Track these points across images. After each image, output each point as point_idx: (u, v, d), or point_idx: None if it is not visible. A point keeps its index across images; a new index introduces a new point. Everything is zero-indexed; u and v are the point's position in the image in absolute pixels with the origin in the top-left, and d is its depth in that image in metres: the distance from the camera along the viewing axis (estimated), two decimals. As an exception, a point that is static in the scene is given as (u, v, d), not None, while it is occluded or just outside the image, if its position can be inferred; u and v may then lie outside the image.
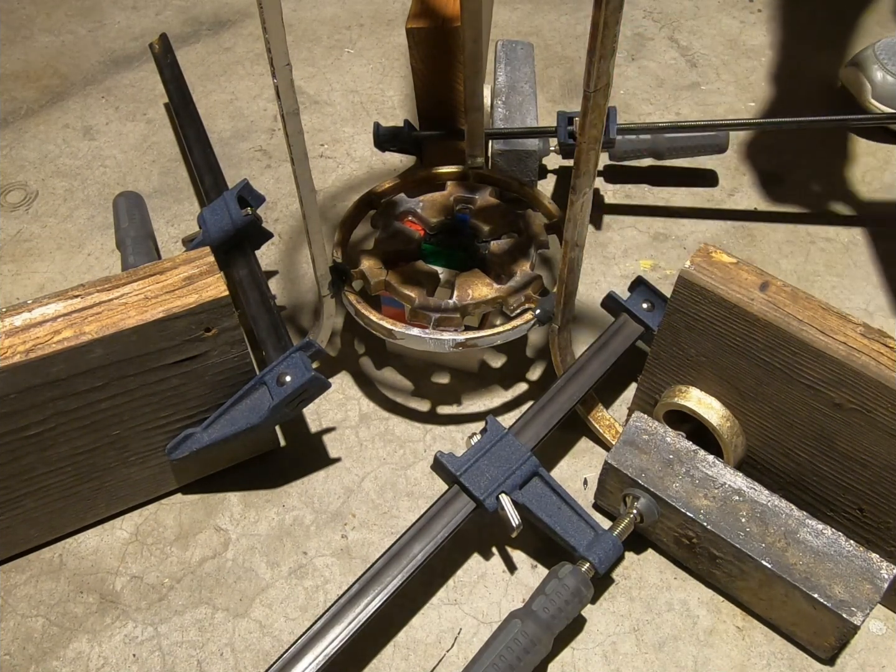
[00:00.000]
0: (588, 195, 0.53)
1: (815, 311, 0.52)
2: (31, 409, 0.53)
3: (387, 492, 0.65)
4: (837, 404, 0.52)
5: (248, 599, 0.59)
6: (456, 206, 0.73)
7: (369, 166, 0.94)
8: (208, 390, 0.60)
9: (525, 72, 0.89)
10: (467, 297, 0.64)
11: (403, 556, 0.54)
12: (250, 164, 0.94)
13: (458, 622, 0.58)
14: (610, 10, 0.42)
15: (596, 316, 0.75)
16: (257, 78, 1.07)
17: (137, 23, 1.17)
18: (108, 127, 1.00)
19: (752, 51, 1.09)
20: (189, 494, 0.65)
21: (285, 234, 0.86)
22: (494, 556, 0.61)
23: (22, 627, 0.58)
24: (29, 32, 1.16)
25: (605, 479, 0.60)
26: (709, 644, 0.56)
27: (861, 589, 0.51)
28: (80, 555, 0.62)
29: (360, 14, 1.18)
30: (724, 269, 0.54)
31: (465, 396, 0.72)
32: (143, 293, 0.55)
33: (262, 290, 0.67)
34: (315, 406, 0.70)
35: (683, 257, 0.82)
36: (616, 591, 0.59)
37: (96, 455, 0.58)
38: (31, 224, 0.88)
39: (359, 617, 0.52)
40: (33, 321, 0.52)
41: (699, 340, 0.57)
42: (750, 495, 0.56)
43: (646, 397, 0.64)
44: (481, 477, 0.56)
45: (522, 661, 0.51)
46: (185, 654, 0.56)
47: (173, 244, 0.85)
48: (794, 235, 0.85)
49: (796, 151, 0.94)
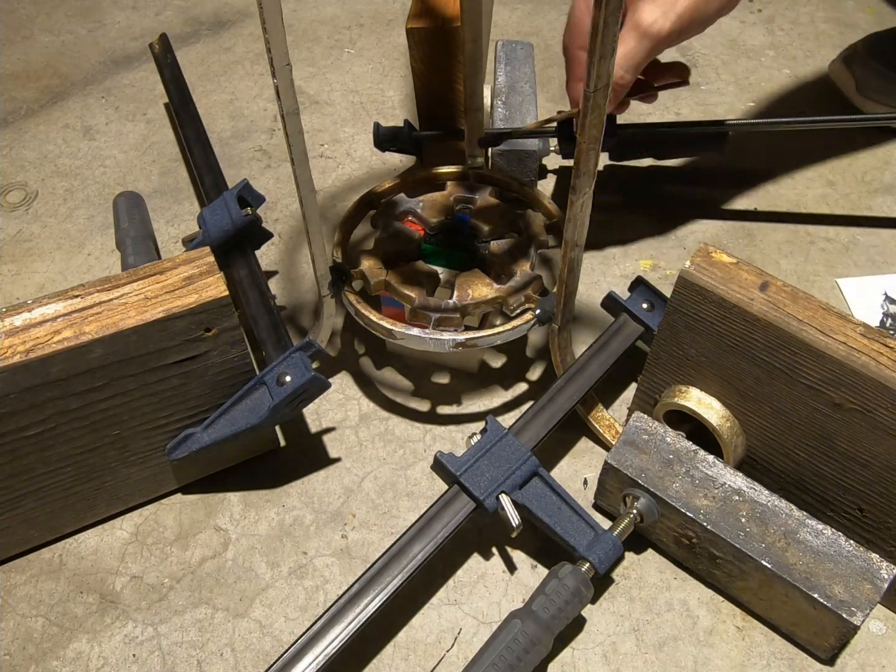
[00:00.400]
0: (588, 195, 0.53)
1: (815, 311, 0.52)
2: (31, 409, 0.53)
3: (387, 492, 0.65)
4: (837, 404, 0.52)
5: (248, 599, 0.59)
6: (456, 206, 0.73)
7: (369, 166, 0.94)
8: (208, 390, 0.60)
9: (525, 72, 0.89)
10: (467, 297, 0.64)
11: (403, 556, 0.54)
12: (250, 164, 0.94)
13: (458, 622, 0.58)
14: (610, 10, 0.42)
15: (596, 316, 0.75)
16: (257, 78, 1.07)
17: (137, 23, 1.17)
18: (108, 127, 1.00)
19: (752, 51, 1.09)
20: (189, 494, 0.65)
21: (285, 234, 0.86)
22: (494, 556, 0.61)
23: (22, 627, 0.58)
24: (29, 32, 1.16)
25: (605, 479, 0.60)
26: (709, 644, 0.57)
27: (861, 589, 0.51)
28: (80, 555, 0.62)
29: (360, 14, 1.18)
30: (724, 269, 0.54)
31: (465, 396, 0.72)
32: (143, 293, 0.55)
33: (262, 290, 0.67)
34: (315, 406, 0.70)
35: (683, 257, 0.82)
36: (616, 591, 0.59)
37: (96, 455, 0.58)
38: (31, 224, 0.88)
39: (359, 617, 0.52)
40: (33, 321, 0.52)
41: (699, 340, 0.57)
42: (750, 495, 0.56)
43: (646, 397, 0.64)
44: (481, 477, 0.56)
45: (522, 661, 0.51)
46: (185, 654, 0.56)
47: (173, 244, 0.85)
48: (794, 235, 0.85)
49: (796, 151, 0.94)
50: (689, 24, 0.65)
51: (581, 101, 0.48)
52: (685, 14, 0.64)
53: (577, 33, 0.67)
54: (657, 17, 0.63)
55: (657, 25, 0.63)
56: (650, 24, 0.63)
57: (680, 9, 0.63)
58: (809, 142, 0.94)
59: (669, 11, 0.63)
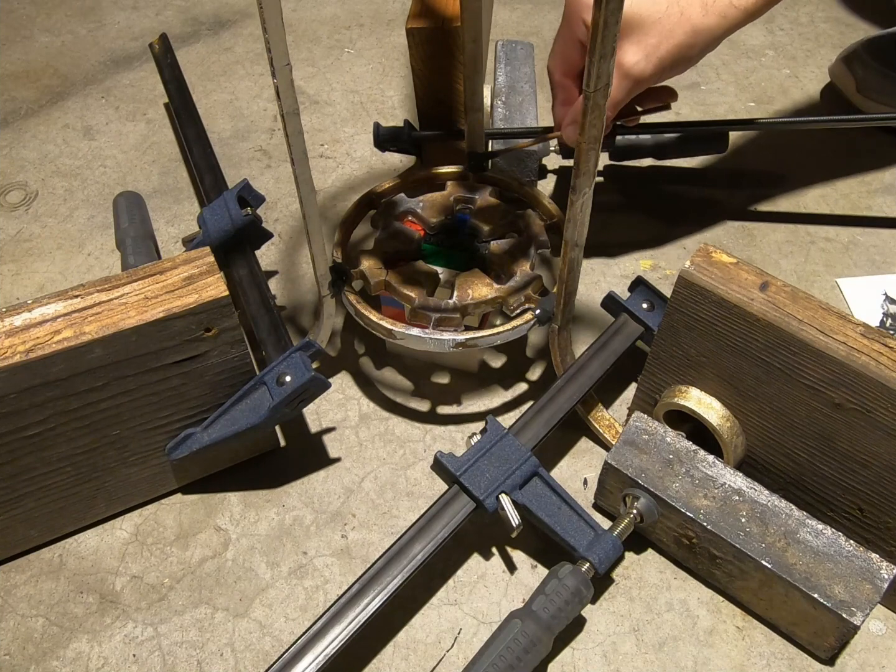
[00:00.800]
0: (588, 195, 0.53)
1: (815, 311, 0.52)
2: (31, 409, 0.53)
3: (387, 492, 0.65)
4: (837, 404, 0.52)
5: (248, 599, 0.59)
6: (456, 206, 0.73)
7: (369, 166, 0.94)
8: (208, 390, 0.60)
9: (525, 72, 0.89)
10: (467, 297, 0.64)
11: (403, 556, 0.54)
12: (250, 164, 0.94)
13: (458, 622, 0.58)
14: (610, 10, 0.42)
15: (596, 316, 0.75)
16: (257, 78, 1.07)
17: (137, 23, 1.17)
18: (108, 127, 1.00)
19: (752, 51, 1.09)
20: (189, 494, 0.65)
21: (285, 234, 0.86)
22: (494, 556, 0.61)
23: (22, 627, 0.58)
24: (29, 32, 1.16)
25: (605, 479, 0.60)
26: (709, 644, 0.57)
27: (861, 589, 0.51)
28: (80, 555, 0.62)
29: (360, 14, 1.18)
30: (724, 269, 0.54)
31: (465, 396, 0.72)
32: (143, 293, 0.55)
33: (262, 290, 0.67)
34: (315, 406, 0.70)
35: (683, 257, 0.82)
36: (616, 591, 0.59)
37: (96, 455, 0.58)
38: (31, 224, 0.88)
39: (359, 617, 0.52)
40: (33, 321, 0.52)
41: (699, 340, 0.57)
42: (750, 495, 0.56)
43: (646, 397, 0.64)
44: (481, 477, 0.56)
45: (522, 661, 0.51)
46: (185, 654, 0.56)
47: (173, 244, 0.85)
48: (794, 235, 0.85)
49: (796, 151, 0.94)
50: (672, 67, 0.64)
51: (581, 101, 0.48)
52: (667, 58, 0.63)
53: (561, 61, 0.67)
54: (639, 60, 0.62)
55: (639, 67, 0.63)
56: (632, 65, 0.62)
57: (663, 52, 0.63)
58: (809, 141, 0.94)
59: (652, 55, 0.62)
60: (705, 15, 0.63)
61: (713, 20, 0.63)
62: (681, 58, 0.64)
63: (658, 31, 0.62)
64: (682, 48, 0.63)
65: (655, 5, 0.62)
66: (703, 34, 0.63)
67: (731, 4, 0.63)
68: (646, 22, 0.62)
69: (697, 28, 0.63)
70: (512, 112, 0.84)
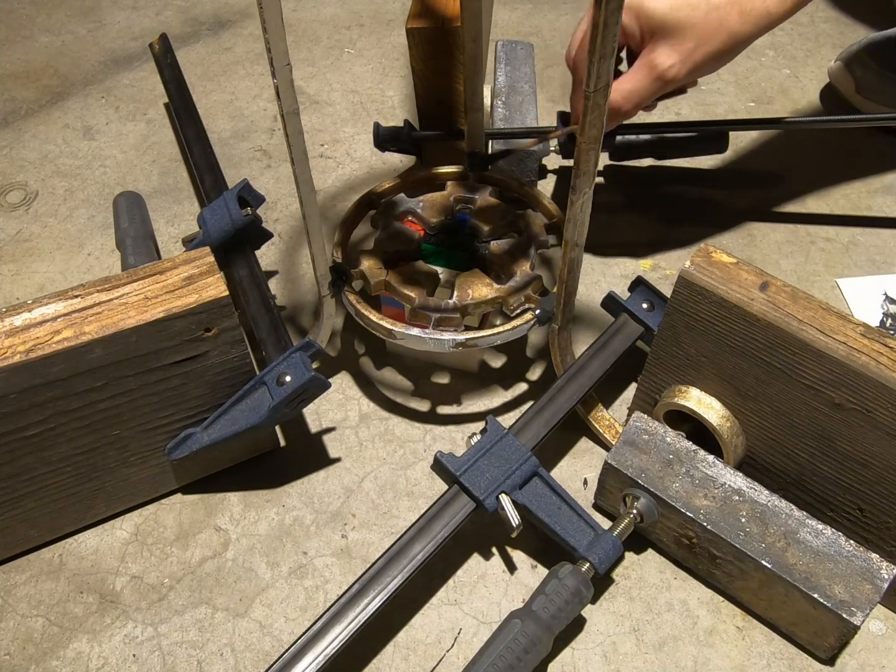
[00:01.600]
0: (588, 195, 0.53)
1: (815, 311, 0.52)
2: (31, 409, 0.53)
3: (387, 492, 0.65)
4: (837, 404, 0.52)
5: (248, 599, 0.59)
6: (456, 206, 0.73)
7: (369, 166, 0.94)
8: (208, 390, 0.60)
9: (525, 72, 0.89)
10: (467, 297, 0.64)
11: (403, 556, 0.54)
12: (250, 164, 0.94)
13: (458, 622, 0.58)
14: (610, 10, 0.42)
15: (596, 316, 0.75)
16: (257, 78, 1.07)
17: (137, 23, 1.17)
18: (108, 127, 1.00)
19: (752, 51, 1.09)
20: (189, 494, 0.65)
21: (285, 234, 0.86)
22: (494, 556, 0.61)
23: (22, 627, 0.58)
24: (29, 32, 1.16)
25: (605, 479, 0.60)
26: (709, 644, 0.57)
27: (861, 589, 0.51)
28: (80, 555, 0.62)
29: (360, 14, 1.18)
30: (724, 269, 0.54)
31: (465, 396, 0.72)
32: (143, 293, 0.55)
33: (262, 290, 0.67)
34: (315, 406, 0.70)
35: (683, 257, 0.82)
36: (616, 591, 0.59)
37: (96, 455, 0.58)
38: (31, 224, 0.88)
39: (359, 617, 0.52)
40: (33, 321, 0.52)
41: (699, 340, 0.57)
42: (750, 495, 0.56)
43: (646, 397, 0.64)
44: (481, 477, 0.56)
45: (522, 661, 0.51)
46: (185, 654, 0.56)
47: (173, 244, 0.85)
48: (794, 235, 0.85)
49: (796, 151, 0.94)
50: (702, 72, 0.65)
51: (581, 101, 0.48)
52: (701, 63, 0.64)
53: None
54: (674, 63, 0.63)
55: (673, 71, 0.63)
56: (666, 68, 0.63)
57: (697, 57, 0.63)
58: (809, 141, 0.94)
59: (687, 60, 0.63)
60: (742, 23, 0.63)
61: (749, 28, 0.63)
62: (714, 63, 0.65)
63: (695, 36, 0.62)
64: (717, 54, 0.64)
65: (694, 11, 0.62)
66: (738, 41, 0.64)
67: (766, 12, 0.63)
68: (684, 26, 0.62)
69: (734, 35, 0.63)
70: (512, 112, 0.84)
